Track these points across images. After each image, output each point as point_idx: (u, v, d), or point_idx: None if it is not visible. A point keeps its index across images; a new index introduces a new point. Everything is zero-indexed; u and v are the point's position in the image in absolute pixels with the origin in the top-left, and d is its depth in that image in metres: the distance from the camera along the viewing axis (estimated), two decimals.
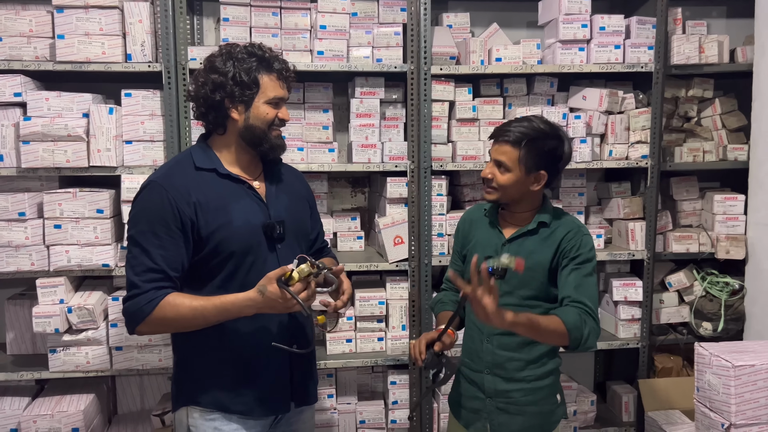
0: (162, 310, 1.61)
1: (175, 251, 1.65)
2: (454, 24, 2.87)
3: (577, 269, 1.82)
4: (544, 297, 1.87)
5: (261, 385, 1.75)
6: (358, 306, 2.69)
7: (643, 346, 2.85)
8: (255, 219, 1.73)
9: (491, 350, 1.90)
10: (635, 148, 2.79)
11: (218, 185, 1.72)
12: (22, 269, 2.44)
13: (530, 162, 1.81)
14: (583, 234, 1.88)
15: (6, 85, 2.38)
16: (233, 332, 1.71)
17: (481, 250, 1.92)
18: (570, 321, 1.72)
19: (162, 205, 1.64)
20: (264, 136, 1.74)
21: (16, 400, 2.56)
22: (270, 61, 1.73)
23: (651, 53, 2.73)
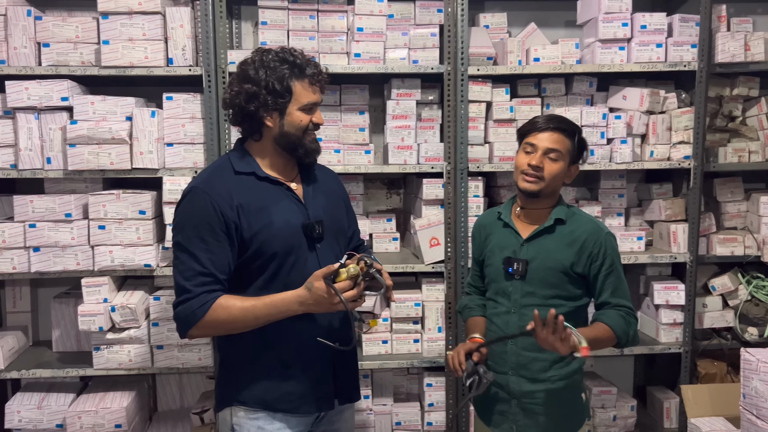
0: (214, 312, 1.64)
1: (221, 254, 1.67)
2: (491, 24, 2.85)
3: (610, 272, 1.87)
4: (566, 296, 1.90)
5: (305, 382, 1.77)
6: (394, 307, 2.69)
7: (686, 351, 2.78)
8: (295, 220, 1.75)
9: (516, 351, 1.90)
10: (677, 149, 2.73)
11: (258, 188, 1.74)
12: (68, 269, 2.50)
13: (575, 153, 1.90)
14: (606, 234, 1.90)
15: (54, 90, 2.45)
16: (277, 331, 1.73)
17: (500, 252, 1.96)
18: (617, 327, 1.82)
19: (206, 210, 1.66)
20: (299, 142, 1.76)
21: (62, 396, 2.63)
22: (302, 66, 1.73)
23: (694, 51, 2.66)
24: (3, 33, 2.47)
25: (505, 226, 1.98)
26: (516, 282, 1.90)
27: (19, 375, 2.58)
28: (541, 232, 1.90)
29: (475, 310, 2.08)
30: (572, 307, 1.89)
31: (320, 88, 1.79)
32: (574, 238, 1.88)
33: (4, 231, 2.46)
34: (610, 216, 2.90)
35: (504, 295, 1.94)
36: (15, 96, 2.43)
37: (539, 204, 1.92)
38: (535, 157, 1.85)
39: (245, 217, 1.69)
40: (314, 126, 1.78)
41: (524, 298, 1.90)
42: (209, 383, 2.91)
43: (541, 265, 1.88)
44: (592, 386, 2.82)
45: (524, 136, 1.92)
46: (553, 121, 1.88)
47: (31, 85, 2.44)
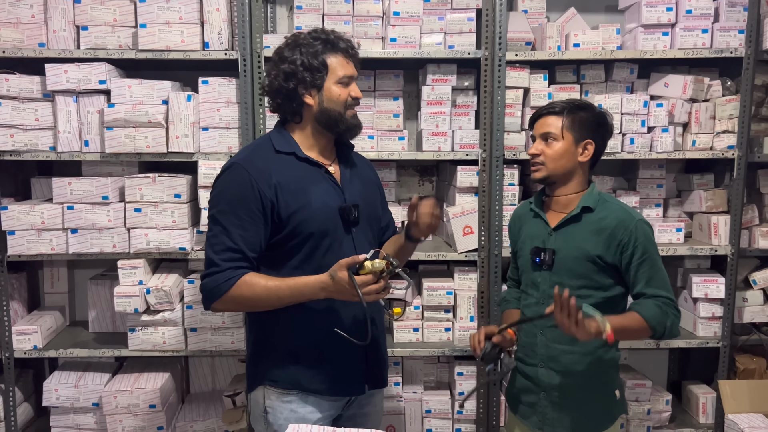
0: (239, 288, 1.65)
1: (254, 232, 1.68)
2: (529, 9, 2.79)
3: (642, 261, 1.79)
4: (595, 286, 1.84)
5: (337, 365, 1.79)
6: (425, 295, 2.68)
7: (724, 346, 2.71)
8: (332, 202, 1.75)
9: (545, 343, 1.87)
10: (721, 138, 2.65)
11: (297, 168, 1.75)
12: (105, 251, 2.53)
13: (576, 129, 1.84)
14: (636, 221, 1.81)
15: (92, 73, 2.47)
16: (311, 313, 1.74)
17: (530, 242, 1.94)
18: (650, 316, 1.73)
19: (244, 187, 1.67)
20: (340, 118, 1.76)
21: (98, 375, 2.68)
22: (335, 41, 1.75)
23: (741, 37, 2.57)
24: (43, 16, 2.49)
25: (535, 216, 1.95)
26: (544, 272, 1.87)
27: (57, 354, 2.63)
28: (568, 220, 1.86)
29: (511, 303, 2.07)
30: (603, 297, 1.84)
31: (354, 63, 1.79)
32: (602, 226, 1.82)
33: (43, 212, 2.50)
34: (648, 207, 2.84)
35: (533, 285, 1.91)
36: (54, 79, 2.46)
37: (563, 190, 1.89)
38: (533, 146, 1.88)
39: (283, 195, 1.70)
40: (353, 100, 1.78)
41: (552, 288, 1.82)
42: (241, 366, 2.94)
43: (569, 254, 1.84)
44: (626, 379, 2.77)
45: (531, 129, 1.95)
46: (544, 108, 1.89)
47: (70, 68, 2.46)
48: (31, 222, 2.50)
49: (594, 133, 1.86)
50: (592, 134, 1.86)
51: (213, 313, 2.57)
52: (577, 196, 1.88)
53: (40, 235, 2.51)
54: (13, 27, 2.48)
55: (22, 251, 2.52)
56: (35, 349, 2.61)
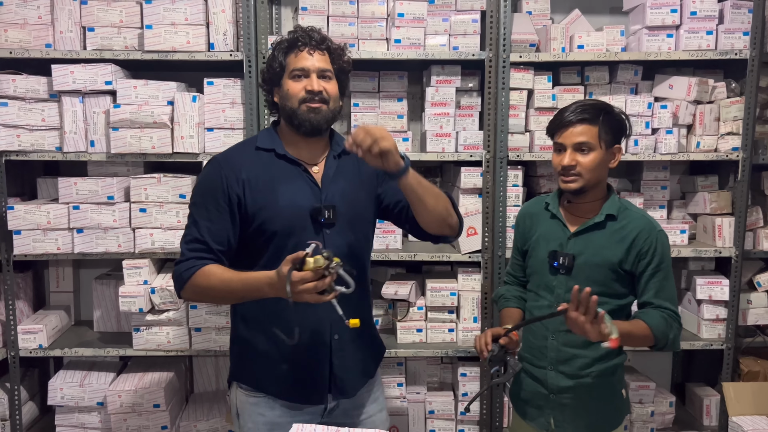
0: (197, 278, 1.65)
1: (220, 225, 1.68)
2: (533, 10, 2.79)
3: (657, 272, 1.80)
4: (611, 293, 1.83)
5: (297, 370, 1.75)
6: (429, 296, 2.68)
7: (728, 348, 2.71)
8: (303, 201, 1.70)
9: (556, 347, 1.86)
10: (725, 140, 2.65)
11: (273, 166, 1.73)
12: (110, 250, 2.55)
13: (608, 136, 1.80)
14: (657, 231, 1.82)
15: (98, 74, 2.48)
16: (273, 314, 1.69)
17: (545, 245, 1.90)
18: (656, 326, 1.75)
19: (214, 180, 1.69)
20: (293, 113, 1.69)
21: (102, 374, 2.69)
22: (296, 39, 1.71)
23: (746, 39, 2.57)
24: (50, 17, 2.50)
25: (552, 217, 1.92)
26: (561, 276, 1.85)
27: (62, 353, 2.64)
28: (591, 227, 1.84)
29: (511, 301, 2.04)
30: (616, 305, 1.84)
31: (315, 52, 1.70)
32: (624, 234, 1.81)
33: (49, 212, 2.51)
34: (652, 208, 2.83)
35: (547, 288, 1.89)
36: (61, 80, 2.47)
37: (587, 197, 1.86)
38: (566, 157, 1.80)
39: (250, 192, 1.69)
40: (310, 94, 1.68)
41: (568, 293, 1.79)
42: None
43: (589, 261, 1.82)
44: (629, 381, 2.77)
45: (553, 136, 1.87)
46: (574, 113, 1.80)
47: (76, 68, 2.48)
48: (37, 222, 2.51)
49: (620, 137, 1.85)
50: (619, 138, 1.85)
51: (218, 313, 2.59)
52: (599, 202, 1.86)
53: (46, 235, 2.53)
54: (20, 28, 2.50)
55: (28, 251, 2.53)
56: (40, 348, 2.62)
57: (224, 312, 2.59)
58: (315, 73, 1.69)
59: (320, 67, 1.70)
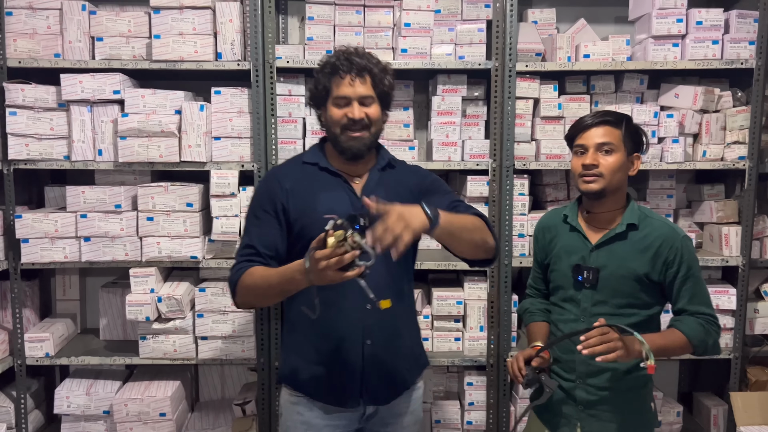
0: (244, 279, 1.71)
1: (268, 231, 1.76)
2: (539, 20, 2.80)
3: (687, 278, 1.78)
4: (639, 304, 1.81)
5: (332, 373, 1.78)
6: (435, 305, 2.68)
7: (736, 357, 2.70)
8: (341, 209, 1.71)
9: (584, 360, 1.80)
10: (732, 149, 2.65)
11: (316, 177, 1.80)
12: (117, 259, 2.55)
13: (630, 142, 1.81)
14: (682, 237, 1.80)
15: (106, 84, 2.50)
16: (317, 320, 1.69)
17: (567, 258, 1.88)
18: (693, 335, 1.74)
19: (264, 190, 1.81)
20: (335, 139, 1.77)
21: (109, 383, 2.69)
22: (336, 64, 1.74)
23: (752, 49, 2.57)
24: (58, 27, 2.52)
25: (572, 229, 1.89)
26: (586, 290, 1.83)
27: (69, 361, 2.64)
28: (613, 237, 1.81)
29: (536, 315, 2.01)
30: (645, 315, 1.81)
31: (356, 79, 1.72)
32: (647, 244, 1.78)
33: (57, 221, 2.52)
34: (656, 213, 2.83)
35: (572, 302, 1.87)
36: (69, 89, 2.49)
37: (606, 206, 1.83)
38: (588, 156, 1.79)
39: (293, 200, 1.76)
40: (351, 122, 1.72)
41: (594, 306, 1.82)
42: (250, 375, 2.94)
43: (614, 273, 1.79)
44: None
45: (573, 140, 1.86)
46: (596, 116, 1.82)
47: (85, 78, 2.49)
48: (44, 230, 2.52)
49: (640, 147, 1.86)
50: (639, 148, 1.85)
51: (224, 322, 2.59)
52: (618, 212, 1.84)
53: (53, 244, 2.53)
54: (29, 38, 2.52)
55: (36, 259, 2.54)
56: (47, 356, 2.63)
57: (230, 321, 2.59)
58: (356, 101, 1.73)
59: (361, 94, 1.74)
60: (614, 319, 1.74)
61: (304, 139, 2.67)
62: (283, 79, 2.63)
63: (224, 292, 2.57)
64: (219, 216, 2.53)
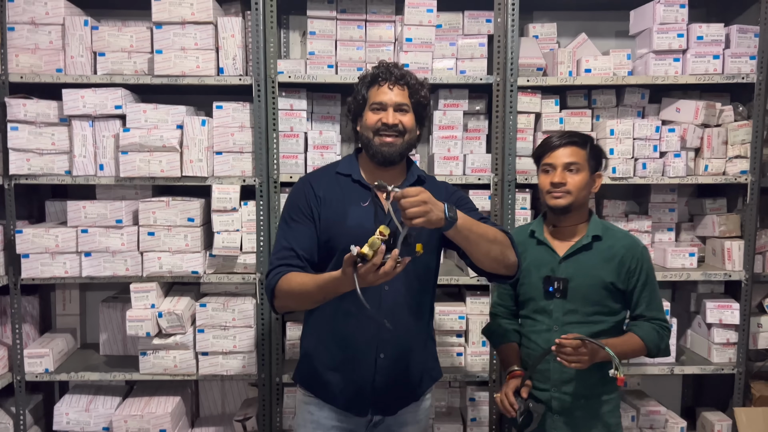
0: (281, 284, 1.71)
1: (304, 233, 1.79)
2: (540, 35, 2.81)
3: (646, 286, 1.94)
4: (606, 311, 1.94)
5: (344, 381, 1.82)
6: (437, 320, 2.66)
7: (740, 372, 2.68)
8: (369, 224, 1.76)
9: (559, 368, 1.92)
10: (733, 163, 2.65)
11: (348, 188, 1.83)
12: (118, 274, 2.54)
13: (593, 162, 1.97)
14: (642, 248, 1.97)
15: (108, 98, 2.50)
16: (331, 325, 1.81)
17: (536, 271, 1.99)
18: (649, 339, 1.92)
19: (298, 195, 1.84)
20: (368, 143, 1.80)
21: (108, 399, 2.67)
22: (377, 74, 1.81)
23: (753, 63, 2.58)
24: (61, 42, 2.53)
25: (539, 243, 2.01)
26: (557, 300, 1.95)
27: (68, 377, 2.63)
28: (580, 249, 1.95)
29: (505, 336, 2.08)
30: (613, 322, 1.95)
31: (394, 87, 1.78)
32: (612, 253, 1.93)
33: (57, 236, 2.51)
34: (660, 231, 2.84)
35: (544, 313, 1.97)
36: (71, 104, 2.49)
37: (571, 220, 1.97)
38: (557, 175, 1.92)
39: (325, 209, 1.80)
40: (385, 127, 1.77)
41: (566, 315, 1.94)
42: (251, 390, 2.92)
43: (582, 282, 1.92)
44: (640, 405, 2.74)
45: (540, 158, 1.99)
46: (563, 137, 1.95)
47: (87, 93, 2.49)
48: (45, 245, 2.51)
49: (600, 166, 2.01)
50: (599, 167, 2.01)
51: (225, 337, 2.57)
52: (583, 225, 1.99)
53: (53, 259, 2.52)
54: (31, 53, 2.52)
55: (36, 275, 2.53)
56: (47, 372, 2.61)
57: (231, 336, 2.57)
58: (392, 107, 1.78)
59: (397, 101, 1.79)
60: (585, 327, 1.90)
61: (306, 154, 2.67)
62: (285, 94, 2.64)
63: (225, 307, 2.56)
64: (220, 231, 2.52)
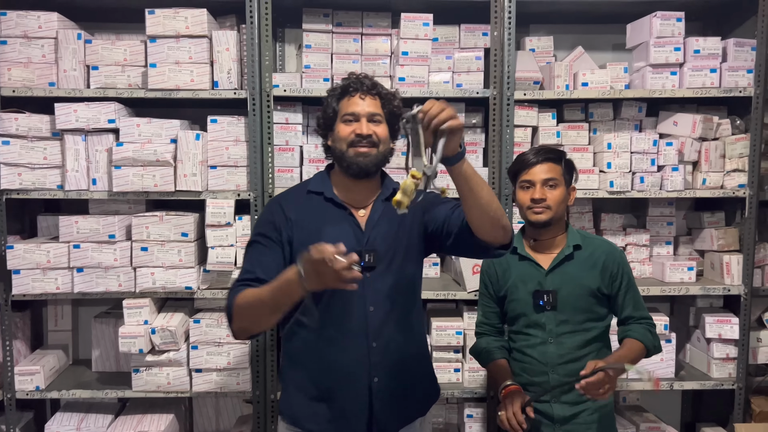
0: (238, 301, 1.63)
1: (270, 259, 1.71)
2: (537, 48, 2.80)
3: (629, 289, 2.01)
4: (595, 318, 1.99)
5: (336, 407, 1.74)
6: (434, 335, 2.63)
7: (740, 388, 2.66)
8: (346, 245, 1.64)
9: (558, 380, 1.96)
10: (731, 177, 2.64)
11: (320, 208, 1.76)
12: (110, 290, 2.51)
13: (568, 176, 2.03)
14: (620, 253, 2.05)
15: (101, 113, 2.47)
16: (316, 354, 1.74)
17: (523, 286, 2.03)
18: (647, 340, 1.97)
19: (267, 218, 1.78)
20: (342, 155, 1.73)
21: (100, 417, 2.62)
22: (348, 85, 1.76)
23: (750, 77, 2.58)
24: (53, 56, 2.50)
25: (521, 259, 2.04)
26: (548, 313, 1.98)
27: (60, 395, 2.58)
28: (563, 260, 2.00)
29: (494, 353, 2.09)
30: (602, 328, 2.01)
31: (366, 97, 1.73)
32: (594, 260, 1.99)
33: (49, 251, 2.48)
34: (658, 244, 2.82)
35: (537, 326, 2.00)
36: (64, 118, 2.46)
37: (550, 233, 2.02)
38: (537, 191, 1.97)
39: (297, 232, 1.74)
40: (359, 137, 1.71)
41: (559, 326, 1.98)
42: (246, 407, 2.88)
43: (571, 292, 1.97)
44: (639, 422, 2.71)
45: (517, 175, 2.03)
46: (540, 153, 2.00)
47: (80, 107, 2.46)
48: (36, 261, 2.47)
49: (572, 180, 2.06)
50: (572, 180, 2.07)
51: (218, 354, 2.54)
52: (561, 236, 2.04)
53: (45, 274, 2.49)
54: (23, 66, 2.49)
55: (27, 290, 2.49)
56: (37, 390, 2.57)
57: (225, 353, 2.54)
58: (365, 117, 1.73)
59: (370, 111, 1.73)
60: (578, 335, 1.96)
61: (301, 167, 2.64)
62: (280, 107, 2.62)
63: (219, 324, 2.52)
64: (214, 246, 2.49)
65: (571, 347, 1.97)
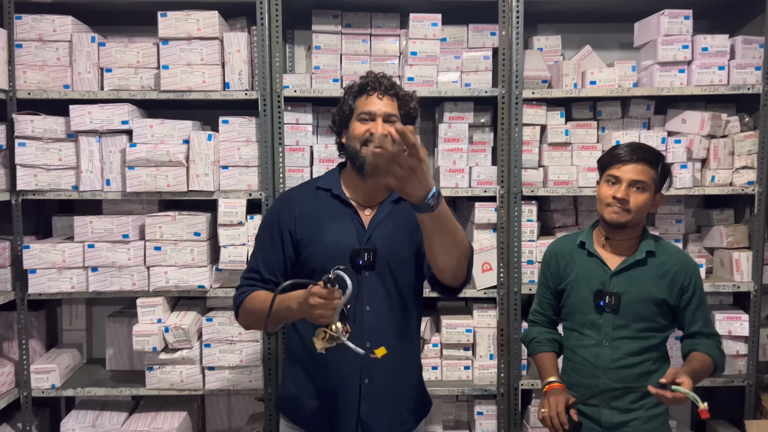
0: (245, 303, 1.72)
1: (273, 256, 1.75)
2: (544, 47, 2.82)
3: (700, 304, 1.88)
4: (657, 328, 1.87)
5: (328, 409, 1.75)
6: (444, 333, 2.65)
7: (750, 385, 2.66)
8: (347, 242, 1.71)
9: (609, 384, 1.86)
10: (740, 174, 2.64)
11: (327, 205, 1.76)
12: (124, 289, 2.54)
13: (660, 183, 1.87)
14: (694, 265, 1.91)
15: (115, 114, 2.51)
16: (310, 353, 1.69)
17: (586, 284, 1.91)
18: (716, 355, 1.86)
19: (272, 215, 1.80)
20: (355, 154, 1.71)
21: (115, 414, 2.66)
22: (366, 84, 1.75)
23: (758, 74, 2.58)
24: (68, 59, 2.55)
25: (589, 255, 1.92)
26: (607, 315, 1.87)
27: (75, 393, 2.62)
28: (633, 264, 1.87)
29: (544, 344, 2.01)
30: (662, 338, 1.89)
31: (383, 98, 1.71)
32: (665, 270, 1.86)
33: (64, 251, 2.51)
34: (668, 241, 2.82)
35: (593, 327, 1.89)
36: (78, 120, 2.50)
37: (625, 235, 1.87)
38: (621, 190, 1.80)
39: (301, 227, 1.75)
40: (372, 136, 1.68)
41: (616, 330, 1.86)
42: (258, 405, 2.91)
43: (635, 298, 1.85)
44: None
45: (606, 168, 1.86)
46: (636, 152, 1.82)
47: (94, 109, 2.50)
48: (52, 260, 2.51)
49: (663, 186, 1.90)
50: (663, 187, 1.90)
51: (231, 352, 2.56)
52: (636, 240, 1.90)
53: (60, 274, 2.53)
54: (38, 69, 2.54)
55: (43, 290, 2.53)
56: (53, 388, 2.60)
57: (237, 351, 2.57)
58: (381, 117, 1.70)
59: (387, 111, 1.71)
60: (635, 342, 1.84)
61: (312, 167, 2.67)
62: (291, 108, 2.65)
63: (231, 322, 2.55)
64: (226, 245, 2.52)
65: (626, 353, 1.86)
